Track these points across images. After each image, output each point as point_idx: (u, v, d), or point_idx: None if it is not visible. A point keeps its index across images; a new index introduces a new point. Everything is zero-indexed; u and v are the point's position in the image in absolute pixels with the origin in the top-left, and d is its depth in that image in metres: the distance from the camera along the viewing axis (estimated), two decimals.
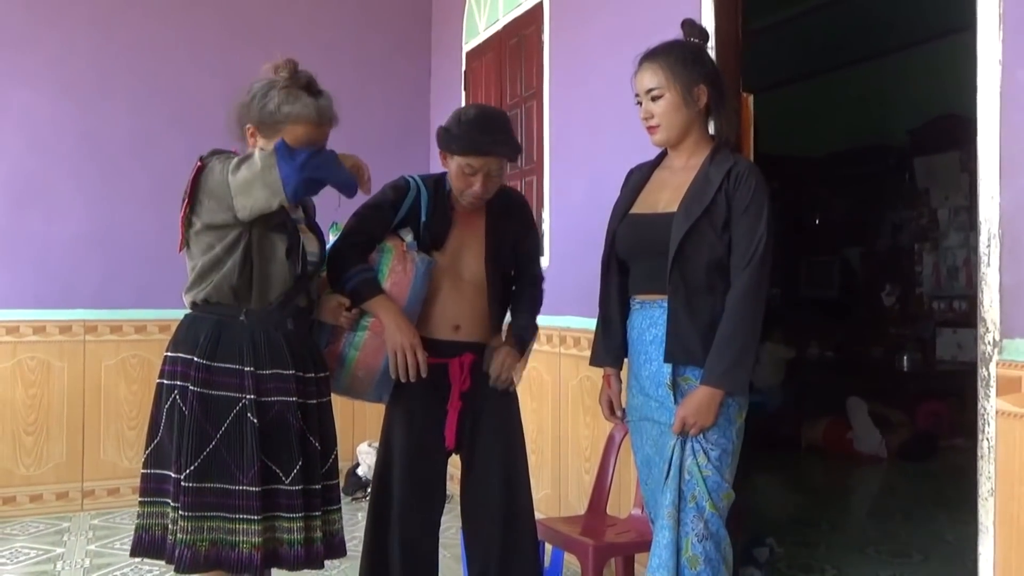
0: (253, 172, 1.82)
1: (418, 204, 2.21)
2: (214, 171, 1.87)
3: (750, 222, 1.83)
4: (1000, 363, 1.75)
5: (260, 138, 1.93)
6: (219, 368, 1.87)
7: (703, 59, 1.96)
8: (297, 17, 4.43)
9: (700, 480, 1.81)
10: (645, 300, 1.95)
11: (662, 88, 1.90)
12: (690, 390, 1.84)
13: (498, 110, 2.41)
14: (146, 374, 4.10)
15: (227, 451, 1.85)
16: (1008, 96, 1.76)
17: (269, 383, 1.90)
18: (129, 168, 4.16)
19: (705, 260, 1.84)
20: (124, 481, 4.07)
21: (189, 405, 1.85)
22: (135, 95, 4.17)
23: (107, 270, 4.09)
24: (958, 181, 5.87)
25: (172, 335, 1.97)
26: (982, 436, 1.78)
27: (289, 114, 1.90)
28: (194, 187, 1.88)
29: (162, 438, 1.91)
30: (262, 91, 1.92)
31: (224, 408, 1.87)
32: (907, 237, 6.36)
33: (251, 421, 1.86)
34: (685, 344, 1.83)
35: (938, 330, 5.96)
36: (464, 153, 2.11)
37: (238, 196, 1.84)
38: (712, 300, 1.85)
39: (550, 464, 3.43)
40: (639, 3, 2.98)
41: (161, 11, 4.23)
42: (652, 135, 1.96)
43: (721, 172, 1.86)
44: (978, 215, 1.81)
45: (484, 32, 4.18)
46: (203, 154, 1.93)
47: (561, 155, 3.50)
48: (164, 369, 1.94)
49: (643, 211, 1.97)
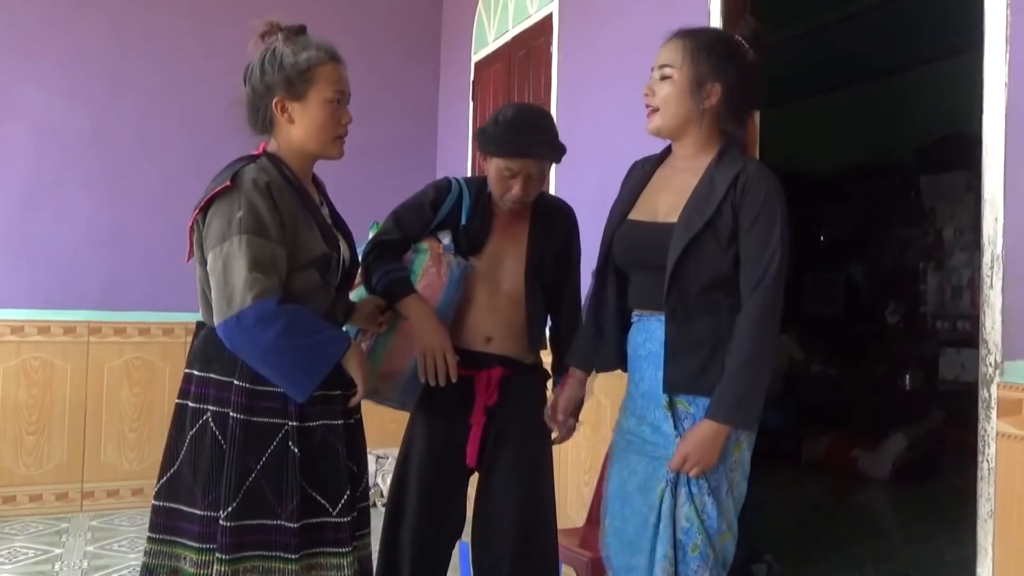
0: (215, 284, 1.62)
1: (459, 206, 2.11)
2: (221, 221, 1.63)
3: (761, 235, 1.63)
4: (1001, 385, 1.75)
5: (293, 104, 1.72)
6: (262, 392, 1.65)
7: (736, 59, 1.71)
8: (307, 22, 4.44)
9: (700, 527, 1.64)
10: (643, 314, 1.78)
11: (674, 68, 1.69)
12: (687, 415, 1.68)
13: (539, 109, 2.24)
14: (148, 377, 4.12)
15: (267, 483, 1.65)
16: (1013, 118, 1.77)
17: (314, 406, 1.69)
18: (139, 170, 4.18)
19: (707, 278, 1.65)
20: (124, 483, 4.07)
21: (230, 434, 1.63)
22: (146, 97, 4.20)
23: (113, 272, 4.11)
24: (964, 201, 5.87)
25: (195, 351, 1.72)
26: (982, 458, 1.77)
27: (310, 59, 1.71)
28: (207, 205, 1.66)
29: (181, 468, 1.68)
30: (269, 58, 1.73)
31: (266, 436, 1.66)
32: (912, 255, 6.35)
33: (292, 451, 1.66)
34: (684, 371, 1.66)
35: (941, 349, 5.94)
36: (502, 155, 2.01)
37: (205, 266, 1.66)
38: (715, 322, 1.66)
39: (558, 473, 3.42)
40: (648, 17, 2.99)
41: (174, 15, 4.27)
42: (648, 119, 1.75)
43: (727, 178, 1.66)
44: (982, 236, 1.82)
45: (493, 43, 4.20)
46: (245, 167, 1.69)
47: (568, 167, 3.50)
48: (190, 390, 1.70)
49: (642, 218, 1.78)
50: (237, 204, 1.62)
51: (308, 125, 1.72)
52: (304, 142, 1.74)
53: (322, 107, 1.72)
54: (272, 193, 1.66)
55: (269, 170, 1.70)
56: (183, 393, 1.71)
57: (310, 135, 1.73)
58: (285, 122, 1.73)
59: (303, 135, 1.73)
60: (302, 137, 1.74)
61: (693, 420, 1.67)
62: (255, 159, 1.72)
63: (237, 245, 1.60)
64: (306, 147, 1.75)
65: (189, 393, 1.70)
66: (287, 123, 1.73)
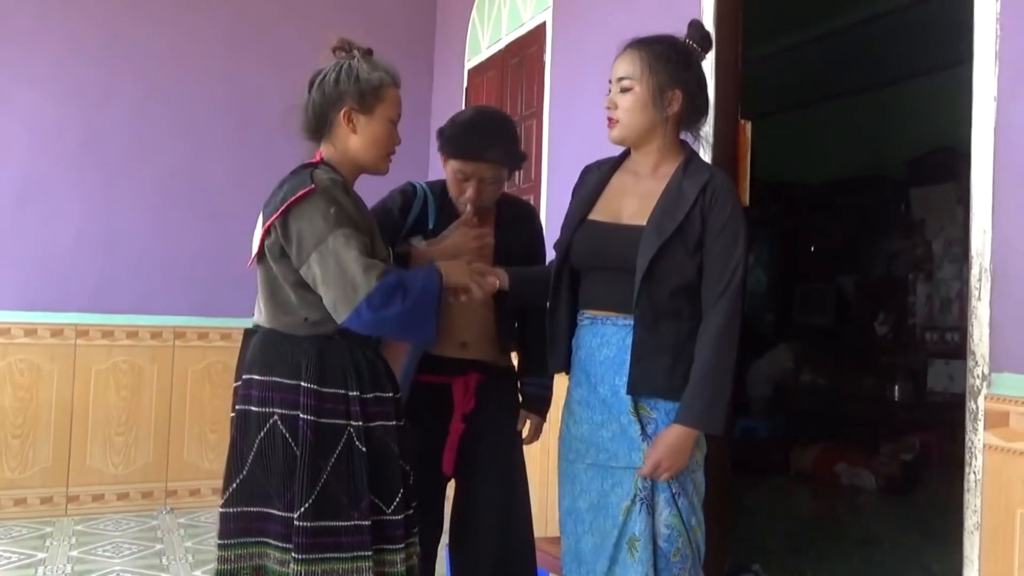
0: (329, 281, 1.66)
1: (425, 211, 2.14)
2: (315, 221, 1.67)
3: (725, 245, 1.69)
4: (989, 397, 1.76)
5: (360, 116, 1.79)
6: (328, 394, 1.70)
7: (690, 64, 1.77)
8: (300, 29, 4.45)
9: (681, 529, 1.68)
10: (596, 316, 1.78)
11: (633, 80, 1.74)
12: (649, 420, 1.71)
13: (499, 113, 2.25)
14: (135, 381, 4.10)
15: (337, 484, 1.69)
16: (1002, 132, 1.78)
17: (372, 407, 1.75)
18: (130, 172, 4.17)
19: (674, 283, 1.69)
20: (110, 487, 4.05)
21: (302, 436, 1.67)
22: (139, 99, 4.19)
23: (103, 274, 4.09)
24: (953, 213, 5.90)
25: (253, 357, 1.75)
26: (969, 469, 1.78)
27: (382, 79, 1.80)
28: (288, 209, 1.69)
29: (253, 472, 1.71)
30: (346, 70, 1.79)
31: (333, 437, 1.70)
32: (901, 267, 6.38)
33: (359, 449, 1.70)
34: (649, 374, 1.69)
35: (930, 361, 5.96)
36: (455, 156, 2.03)
37: (305, 271, 1.70)
38: (678, 326, 1.70)
39: (536, 483, 3.40)
40: (641, 26, 2.98)
41: (168, 17, 4.26)
42: (609, 129, 1.79)
43: (696, 186, 1.70)
44: (970, 249, 1.82)
45: (487, 50, 4.21)
46: (315, 170, 1.73)
47: (560, 174, 3.52)
48: (252, 395, 1.73)
49: (604, 219, 1.79)
50: (326, 203, 1.68)
51: (369, 138, 1.81)
52: (360, 153, 1.82)
53: (384, 124, 1.82)
54: (347, 191, 1.76)
55: (335, 173, 1.77)
56: (245, 399, 1.74)
57: (368, 147, 1.81)
58: (347, 132, 1.80)
59: (361, 146, 1.81)
60: (360, 148, 1.81)
61: (656, 425, 1.70)
62: (317, 165, 1.78)
63: (342, 240, 1.66)
64: (361, 158, 1.83)
65: (252, 398, 1.73)
66: (349, 133, 1.80)
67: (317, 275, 1.66)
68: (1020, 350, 1.71)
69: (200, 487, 4.20)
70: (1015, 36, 1.77)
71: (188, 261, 4.23)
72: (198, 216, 4.27)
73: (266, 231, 1.73)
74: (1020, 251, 1.73)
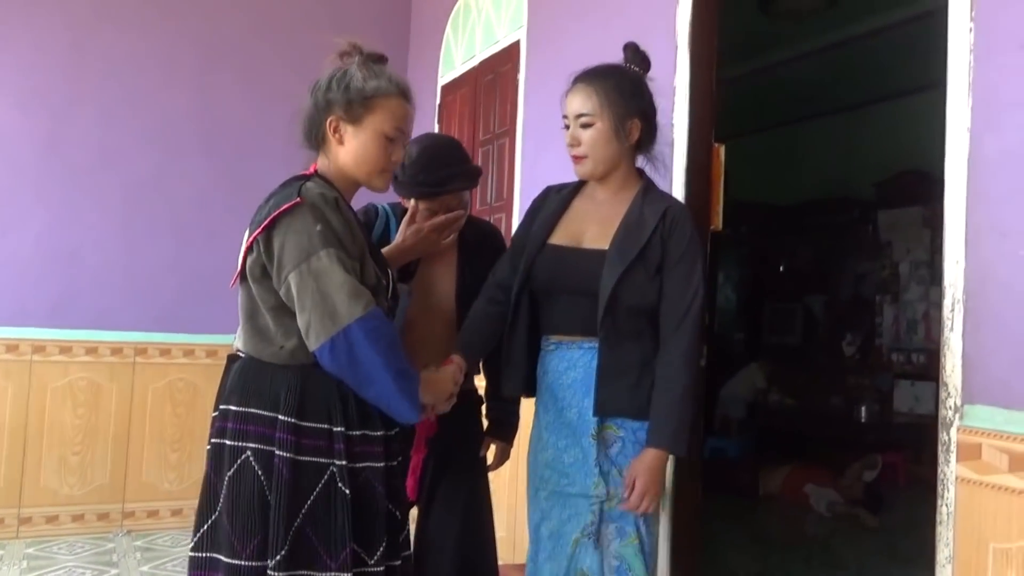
0: (305, 304, 1.52)
1: (387, 233, 2.11)
2: (298, 238, 1.54)
3: (684, 272, 1.73)
4: (961, 429, 1.75)
5: (347, 126, 1.66)
6: (308, 428, 1.55)
7: (641, 91, 1.83)
8: (272, 41, 4.39)
9: (636, 554, 1.68)
10: (562, 340, 1.81)
11: (593, 116, 1.77)
12: (616, 439, 1.74)
13: (443, 139, 2.22)
14: (93, 398, 3.98)
15: (314, 530, 1.53)
16: (975, 162, 1.78)
17: (359, 446, 1.59)
18: (94, 182, 4.06)
19: (636, 305, 1.73)
20: (64, 508, 3.92)
21: (276, 475, 1.52)
22: (105, 108, 4.09)
23: (62, 288, 3.97)
24: (920, 236, 5.98)
25: (232, 385, 1.63)
26: (941, 502, 1.76)
27: (378, 88, 1.66)
28: (272, 224, 1.56)
29: (220, 514, 1.57)
30: (340, 74, 1.68)
31: (313, 477, 1.55)
32: (869, 288, 6.44)
33: (342, 492, 1.54)
34: (615, 394, 1.72)
35: (896, 382, 6.01)
36: (420, 198, 2.01)
37: (285, 292, 1.57)
38: (640, 347, 1.74)
39: (504, 509, 3.36)
40: (616, 44, 2.98)
41: (137, 25, 4.17)
42: (576, 165, 1.82)
43: (656, 213, 1.75)
44: (943, 280, 1.82)
45: (460, 66, 4.18)
46: (305, 183, 1.61)
47: (532, 193, 3.46)
48: (227, 427, 1.59)
49: (565, 243, 1.81)
50: (312, 218, 1.55)
51: (356, 151, 1.68)
52: (348, 166, 1.70)
53: (374, 137, 1.67)
54: (340, 208, 1.61)
55: (328, 188, 1.65)
56: (219, 431, 1.61)
57: (355, 161, 1.69)
58: (335, 142, 1.69)
59: (348, 159, 1.69)
60: (347, 161, 1.69)
61: (622, 444, 1.74)
62: (309, 177, 1.66)
63: (327, 259, 1.53)
64: (350, 172, 1.70)
65: (226, 431, 1.59)
66: (336, 143, 1.69)
67: (294, 296, 1.54)
68: (993, 382, 1.70)
69: (159, 508, 4.08)
70: (988, 66, 1.77)
71: (152, 275, 4.13)
72: (164, 229, 4.17)
73: (248, 248, 1.60)
74: (993, 282, 1.72)
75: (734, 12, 3.51)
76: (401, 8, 4.84)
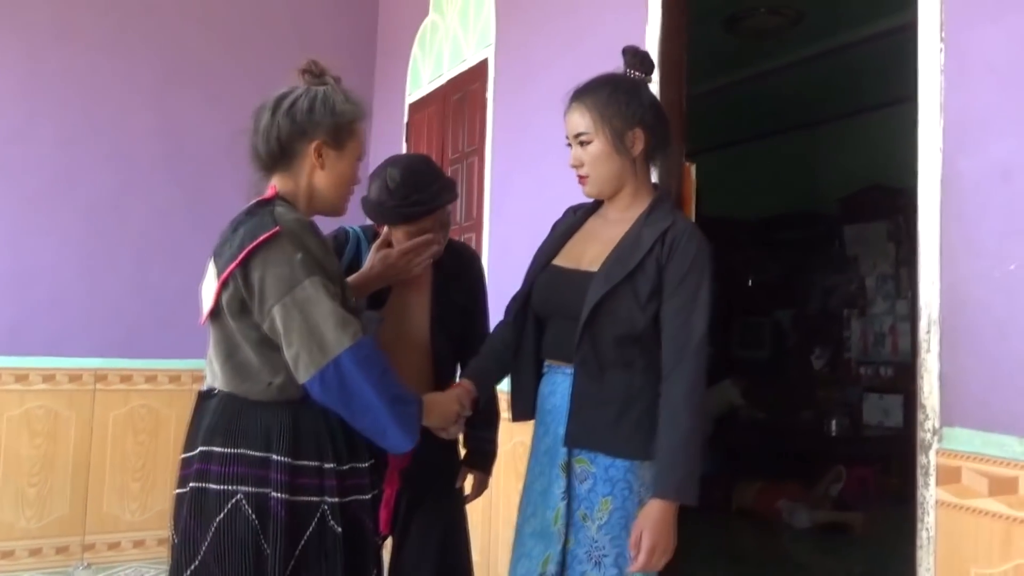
0: (293, 338, 1.46)
1: (358, 257, 2.04)
2: (280, 269, 1.48)
3: (685, 299, 1.59)
4: (940, 452, 1.73)
5: (331, 151, 1.61)
6: (302, 467, 1.50)
7: (641, 98, 1.70)
8: (237, 60, 4.32)
9: None
10: (552, 365, 1.73)
11: (590, 133, 1.68)
12: (587, 475, 1.62)
13: (418, 158, 2.15)
14: (51, 427, 3.85)
15: (307, 572, 1.48)
16: (948, 182, 1.77)
17: (348, 480, 1.55)
18: (51, 204, 3.94)
19: (621, 331, 1.60)
20: (20, 543, 3.78)
21: (274, 517, 1.46)
22: (63, 126, 3.98)
23: (17, 313, 3.84)
24: (885, 250, 6.05)
25: (212, 425, 1.54)
26: (921, 526, 1.74)
27: (355, 112, 1.62)
28: (249, 256, 1.49)
29: (205, 562, 1.48)
30: (322, 98, 1.60)
31: (306, 517, 1.49)
32: (836, 302, 6.50)
33: (333, 530, 1.49)
34: (590, 426, 1.60)
35: (865, 395, 6.06)
36: (401, 223, 1.93)
37: (271, 325, 1.50)
38: (628, 377, 1.61)
39: (479, 530, 3.30)
40: (585, 63, 2.96)
41: (98, 41, 4.07)
42: (582, 186, 1.74)
43: (655, 232, 1.63)
44: (918, 300, 1.81)
45: (428, 85, 4.14)
46: (275, 208, 1.53)
47: (502, 212, 3.45)
48: (210, 469, 1.51)
49: (565, 264, 1.73)
50: (292, 247, 1.49)
51: (338, 176, 1.64)
52: (325, 190, 1.64)
53: (353, 162, 1.66)
54: (315, 232, 1.56)
55: (297, 212, 1.58)
56: (200, 474, 1.52)
57: (334, 186, 1.64)
58: (315, 166, 1.62)
59: (328, 184, 1.63)
60: (326, 186, 1.63)
61: (593, 481, 1.62)
62: (274, 201, 1.58)
63: (311, 289, 1.47)
64: (324, 195, 1.64)
65: (210, 473, 1.50)
66: (316, 168, 1.62)
67: (280, 330, 1.47)
68: (971, 404, 1.69)
69: (120, 540, 3.95)
70: (959, 86, 1.77)
71: (112, 298, 4.01)
72: (124, 251, 4.06)
73: (223, 283, 1.51)
74: (969, 303, 1.71)
75: (700, 30, 3.53)
76: (368, 26, 4.80)
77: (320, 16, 4.61)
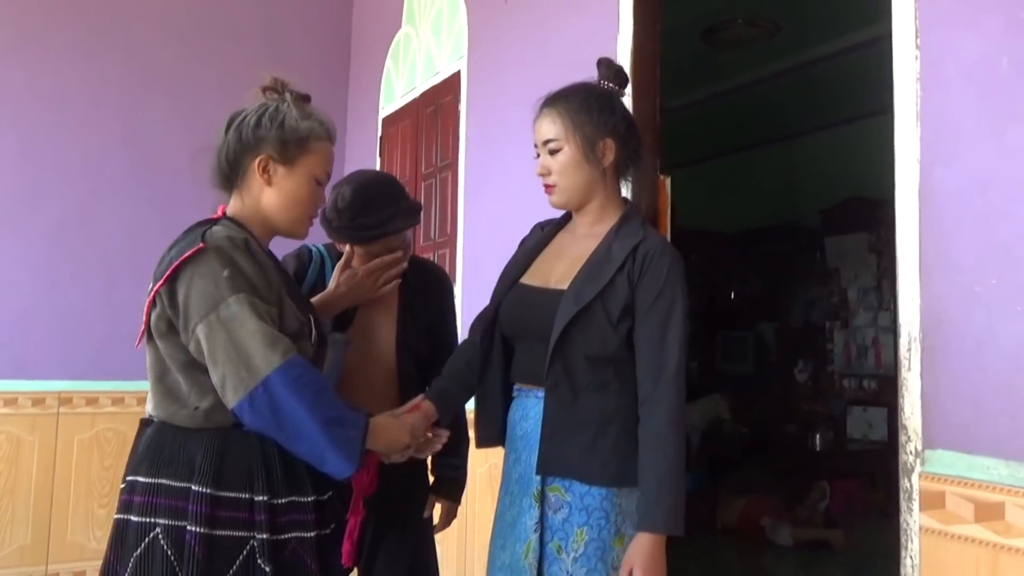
0: (217, 357, 1.39)
1: (322, 277, 1.99)
2: (203, 286, 1.42)
3: (660, 318, 1.52)
4: (923, 475, 1.66)
5: (278, 167, 1.55)
6: (225, 499, 1.41)
7: (614, 108, 1.66)
8: (208, 71, 4.23)
9: None
10: (522, 388, 1.66)
11: (560, 140, 1.62)
12: (562, 504, 1.55)
13: (378, 176, 2.10)
14: (13, 453, 3.73)
15: None
16: (926, 194, 1.71)
17: (284, 515, 1.45)
18: (14, 219, 3.83)
19: (593, 352, 1.54)
20: None
21: (189, 553, 1.37)
22: (26, 138, 3.87)
23: None
24: (866, 261, 6.02)
25: (140, 455, 1.47)
26: (905, 553, 1.67)
27: (311, 129, 1.57)
28: (175, 274, 1.44)
29: None
30: (271, 113, 1.56)
31: (228, 554, 1.40)
32: (819, 315, 6.46)
33: (262, 569, 1.39)
34: (564, 453, 1.54)
35: (849, 408, 6.01)
36: (358, 243, 1.90)
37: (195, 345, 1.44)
38: (602, 400, 1.55)
39: (455, 558, 3.21)
40: (558, 76, 2.91)
41: (63, 49, 3.97)
42: (548, 196, 1.67)
43: (626, 248, 1.57)
44: (898, 317, 1.74)
45: (401, 98, 4.07)
46: (211, 227, 1.49)
47: (476, 226, 3.38)
48: (132, 501, 1.44)
49: (533, 282, 1.66)
50: (219, 263, 1.43)
51: (287, 194, 1.56)
52: (274, 210, 1.57)
53: (307, 181, 1.58)
54: (251, 250, 1.48)
55: (238, 230, 1.51)
56: (124, 506, 1.45)
57: (284, 205, 1.57)
58: (262, 183, 1.56)
59: (276, 203, 1.57)
60: (275, 205, 1.57)
61: (569, 510, 1.55)
62: (216, 221, 1.53)
63: (236, 306, 1.40)
64: (273, 216, 1.58)
65: (132, 505, 1.44)
66: (263, 184, 1.56)
67: (204, 350, 1.40)
68: (955, 425, 1.62)
69: (85, 569, 3.81)
70: (936, 96, 1.72)
71: (77, 318, 3.90)
72: (90, 268, 3.94)
73: (151, 302, 1.46)
74: (950, 320, 1.65)
75: (677, 42, 3.48)
76: (341, 39, 4.73)
77: (293, 28, 4.54)
